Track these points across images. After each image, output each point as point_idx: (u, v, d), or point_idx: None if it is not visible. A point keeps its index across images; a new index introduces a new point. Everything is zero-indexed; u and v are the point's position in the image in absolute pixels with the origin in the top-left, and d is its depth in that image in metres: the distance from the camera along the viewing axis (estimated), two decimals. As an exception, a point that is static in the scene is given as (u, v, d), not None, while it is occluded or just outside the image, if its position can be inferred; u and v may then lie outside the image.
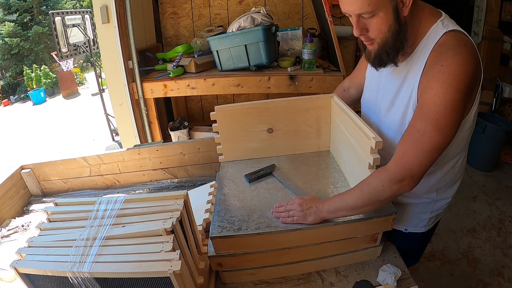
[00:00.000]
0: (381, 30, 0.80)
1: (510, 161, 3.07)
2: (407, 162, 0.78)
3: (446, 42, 0.77)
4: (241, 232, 0.87)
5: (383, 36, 0.81)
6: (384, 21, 0.78)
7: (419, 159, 0.77)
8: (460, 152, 0.95)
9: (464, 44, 0.76)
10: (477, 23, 3.29)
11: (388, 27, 0.79)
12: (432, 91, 0.75)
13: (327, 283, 0.92)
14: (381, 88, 0.98)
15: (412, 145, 0.77)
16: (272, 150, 1.24)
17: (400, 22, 0.78)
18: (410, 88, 0.85)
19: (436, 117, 0.74)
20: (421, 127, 0.76)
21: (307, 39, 1.98)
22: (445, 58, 0.75)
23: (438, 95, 0.74)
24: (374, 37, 0.82)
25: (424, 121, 0.76)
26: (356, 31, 0.82)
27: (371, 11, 0.76)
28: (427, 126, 0.75)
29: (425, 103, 0.77)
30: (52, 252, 0.76)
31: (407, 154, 0.78)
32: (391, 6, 0.76)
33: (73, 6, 10.51)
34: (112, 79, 2.22)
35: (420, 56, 0.83)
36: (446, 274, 1.99)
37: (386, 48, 0.82)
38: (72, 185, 1.58)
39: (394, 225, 1.05)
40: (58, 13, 3.55)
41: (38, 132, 5.97)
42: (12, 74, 9.45)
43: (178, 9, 2.71)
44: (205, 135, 2.62)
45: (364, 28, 0.81)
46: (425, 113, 0.76)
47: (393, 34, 0.80)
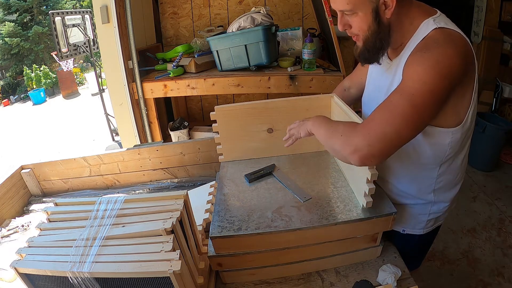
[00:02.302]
0: (361, 28, 0.84)
1: (510, 161, 3.07)
2: (371, 128, 0.75)
3: (432, 36, 0.77)
4: (241, 232, 0.87)
5: (363, 34, 0.85)
6: (363, 21, 0.82)
7: (383, 128, 0.74)
8: (457, 153, 0.93)
9: (452, 39, 0.75)
10: (477, 23, 3.29)
11: (367, 26, 0.82)
12: (412, 70, 0.76)
13: (327, 283, 0.92)
14: (377, 87, 1.00)
15: (382, 114, 0.76)
16: (272, 150, 1.24)
17: (380, 23, 0.81)
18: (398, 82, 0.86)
19: (411, 92, 0.73)
20: (395, 99, 0.76)
21: (307, 39, 1.98)
22: (428, 47, 0.76)
23: (418, 73, 0.74)
24: (357, 33, 0.87)
25: (399, 94, 0.75)
26: (339, 26, 0.87)
27: (350, 10, 0.81)
28: (401, 99, 0.74)
29: (403, 81, 0.77)
30: (52, 252, 0.76)
31: (374, 121, 0.76)
32: (371, 7, 0.79)
33: (73, 6, 10.51)
34: (112, 79, 2.22)
35: (408, 51, 0.83)
36: (446, 274, 1.99)
37: (367, 46, 0.86)
38: (72, 185, 1.58)
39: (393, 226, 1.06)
40: (58, 13, 3.55)
41: (38, 132, 5.97)
42: (12, 74, 9.45)
43: (178, 9, 2.71)
44: (205, 135, 2.62)
45: (347, 24, 0.86)
46: (402, 88, 0.76)
47: (373, 34, 0.83)
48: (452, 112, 0.82)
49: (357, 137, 0.76)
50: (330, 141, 0.84)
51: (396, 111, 0.74)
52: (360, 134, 0.76)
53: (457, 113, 0.84)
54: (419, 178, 0.97)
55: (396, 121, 0.73)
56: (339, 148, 0.80)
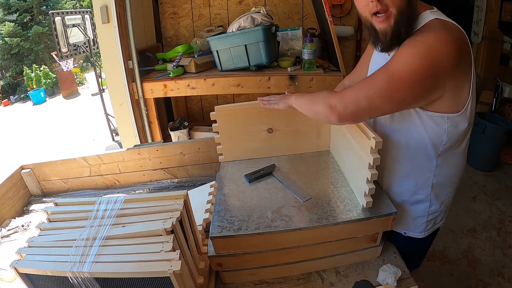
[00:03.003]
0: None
1: (510, 161, 3.07)
2: (347, 93, 0.85)
3: (428, 25, 0.80)
4: (241, 232, 0.87)
5: (398, 4, 0.79)
6: None
7: (357, 94, 0.82)
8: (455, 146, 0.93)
9: (449, 27, 0.78)
10: (477, 23, 3.29)
11: None
12: (402, 50, 0.79)
13: (327, 283, 0.92)
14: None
15: (361, 84, 0.84)
16: (272, 150, 1.24)
17: None
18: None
19: (392, 71, 0.78)
20: (376, 74, 0.82)
21: (307, 39, 1.98)
22: (422, 32, 0.79)
23: (405, 54, 0.77)
24: (390, 4, 0.79)
25: (381, 71, 0.81)
26: None
27: None
28: (381, 74, 0.80)
29: (391, 59, 0.81)
30: (52, 252, 0.76)
31: (352, 88, 0.85)
32: None
33: (73, 6, 10.50)
34: (112, 79, 2.22)
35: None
36: (446, 274, 1.99)
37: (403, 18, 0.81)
38: (72, 185, 1.58)
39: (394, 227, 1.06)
40: (58, 13, 3.54)
41: (38, 132, 5.96)
42: (12, 74, 9.45)
43: (178, 9, 2.71)
44: (205, 135, 2.62)
45: None
46: (386, 66, 0.80)
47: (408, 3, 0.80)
48: (451, 100, 0.84)
49: (334, 99, 0.86)
50: (312, 106, 0.93)
51: (372, 83, 0.82)
52: (337, 97, 0.86)
53: (456, 103, 0.85)
54: (417, 169, 0.97)
55: (370, 91, 0.81)
56: (321, 110, 0.89)
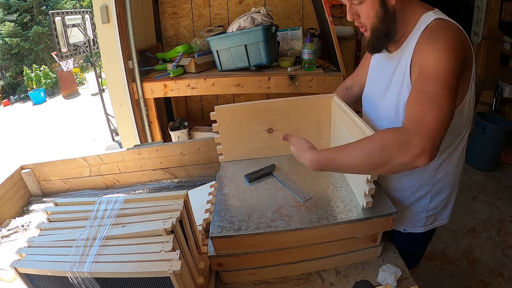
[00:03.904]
0: (369, 16, 0.87)
1: (510, 161, 3.07)
2: (427, 127, 0.69)
3: (435, 26, 0.82)
4: (241, 232, 0.87)
5: (371, 22, 0.88)
6: (371, 8, 0.85)
7: (436, 123, 0.70)
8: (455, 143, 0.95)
9: (452, 27, 0.81)
10: (477, 23, 3.29)
11: (374, 13, 0.86)
12: (431, 57, 0.77)
13: (327, 283, 0.92)
14: (378, 77, 1.03)
15: (427, 108, 0.71)
16: (272, 150, 1.24)
17: (386, 9, 0.85)
18: (402, 70, 0.90)
19: (438, 76, 0.73)
20: (431, 88, 0.73)
21: (307, 39, 1.98)
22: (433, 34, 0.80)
23: (435, 58, 0.76)
24: (365, 23, 0.90)
25: (433, 83, 0.73)
26: (348, 16, 0.90)
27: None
28: (438, 87, 0.72)
29: (428, 68, 0.76)
30: (52, 252, 0.76)
31: (425, 118, 0.70)
32: None
33: (73, 6, 10.51)
34: (112, 79, 2.22)
35: (410, 41, 0.88)
36: (446, 274, 1.99)
37: (375, 33, 0.89)
38: (72, 185, 1.58)
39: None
40: (58, 13, 3.54)
41: (38, 132, 5.96)
42: (12, 74, 9.45)
43: (178, 9, 2.71)
44: (205, 135, 2.62)
45: (356, 13, 0.89)
46: (431, 76, 0.74)
47: (380, 20, 0.87)
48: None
49: (416, 137, 0.69)
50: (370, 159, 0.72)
51: (435, 98, 0.72)
52: (418, 133, 0.69)
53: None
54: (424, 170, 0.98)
55: (441, 106, 0.71)
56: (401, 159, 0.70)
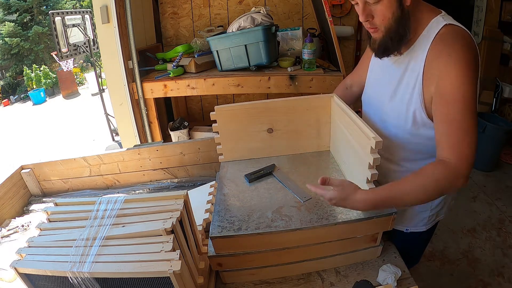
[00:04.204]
0: (385, 17, 0.84)
1: (510, 161, 3.07)
2: (466, 155, 0.79)
3: (446, 34, 0.82)
4: (241, 232, 0.87)
5: (387, 23, 0.85)
6: (388, 8, 0.82)
7: (472, 148, 0.79)
8: None
9: (463, 36, 0.82)
10: (477, 23, 3.29)
11: (391, 13, 0.83)
12: (454, 80, 0.79)
13: (327, 283, 0.92)
14: (382, 80, 1.01)
15: (462, 137, 0.79)
16: (272, 150, 1.24)
17: (403, 10, 0.83)
18: (413, 77, 0.88)
19: (469, 102, 0.78)
20: (461, 117, 0.79)
21: (307, 39, 1.98)
22: (451, 47, 0.80)
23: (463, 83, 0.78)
24: (379, 23, 0.86)
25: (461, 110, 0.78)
26: (363, 17, 0.86)
27: None
28: (466, 114, 0.78)
29: (452, 94, 0.79)
30: (52, 252, 0.76)
31: (462, 147, 0.79)
32: None
33: (73, 6, 10.50)
34: (112, 79, 2.22)
35: (421, 46, 0.87)
36: (446, 274, 1.99)
37: (390, 34, 0.86)
38: (72, 185, 1.58)
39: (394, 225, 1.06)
40: (58, 13, 3.54)
41: (38, 132, 5.96)
42: (12, 74, 9.44)
43: (178, 9, 2.71)
44: (205, 135, 2.61)
45: (370, 14, 0.85)
46: (458, 103, 0.79)
47: (396, 21, 0.84)
48: None
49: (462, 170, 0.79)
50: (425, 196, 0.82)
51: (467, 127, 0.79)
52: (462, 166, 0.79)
53: None
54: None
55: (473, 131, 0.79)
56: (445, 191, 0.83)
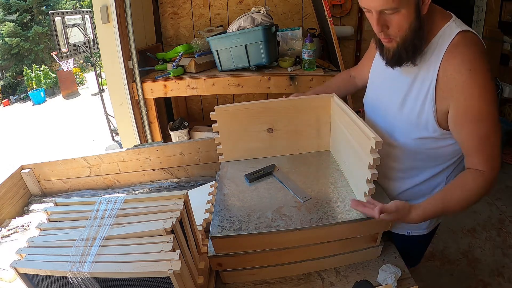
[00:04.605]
0: (401, 27, 0.79)
1: (510, 161, 3.07)
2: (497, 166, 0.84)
3: (463, 44, 0.79)
4: (241, 232, 0.87)
5: (403, 34, 0.80)
6: (406, 18, 0.77)
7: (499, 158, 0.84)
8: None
9: (478, 44, 0.79)
10: (477, 23, 3.29)
11: (409, 24, 0.78)
12: (475, 96, 0.78)
13: (327, 283, 0.92)
14: (389, 87, 0.97)
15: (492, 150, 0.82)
16: (272, 150, 1.24)
17: (420, 20, 0.78)
18: (425, 86, 0.85)
19: (491, 119, 0.80)
20: (485, 132, 0.81)
21: (307, 39, 1.98)
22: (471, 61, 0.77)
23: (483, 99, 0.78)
24: (394, 34, 0.81)
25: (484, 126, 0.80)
26: (377, 28, 0.81)
27: (395, 8, 0.75)
28: (490, 126, 0.80)
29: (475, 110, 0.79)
30: (52, 252, 0.76)
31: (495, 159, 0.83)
32: (414, 2, 0.75)
33: (73, 6, 10.50)
34: (112, 79, 2.22)
35: (433, 54, 0.82)
36: (446, 274, 1.99)
37: (405, 45, 0.82)
38: (72, 185, 1.58)
39: (396, 229, 1.06)
40: (58, 13, 3.54)
41: (38, 132, 5.96)
42: (12, 74, 9.44)
43: (178, 9, 2.71)
44: (205, 135, 2.61)
45: (385, 25, 0.80)
46: (480, 119, 0.80)
47: (413, 32, 0.79)
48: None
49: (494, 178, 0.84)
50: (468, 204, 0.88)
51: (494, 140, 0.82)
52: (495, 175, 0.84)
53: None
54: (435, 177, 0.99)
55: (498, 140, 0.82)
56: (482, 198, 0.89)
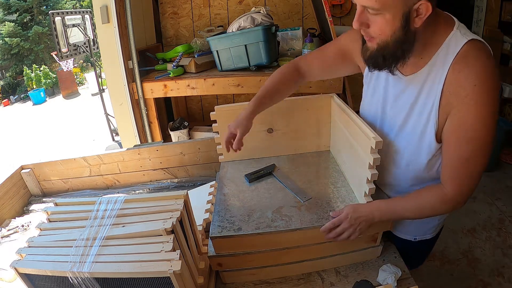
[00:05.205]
0: (382, 31, 0.72)
1: (510, 161, 3.06)
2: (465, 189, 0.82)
3: (471, 54, 0.72)
4: (241, 232, 0.87)
5: (384, 38, 0.73)
6: (388, 24, 0.70)
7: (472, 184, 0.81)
8: None
9: (488, 56, 0.73)
10: (477, 23, 3.29)
11: (392, 31, 0.71)
12: (470, 115, 0.73)
13: (327, 283, 0.92)
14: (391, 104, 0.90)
15: (464, 172, 0.80)
16: (272, 150, 1.24)
17: (407, 32, 0.71)
18: (429, 103, 0.79)
19: (480, 144, 0.75)
20: (467, 156, 0.77)
21: (307, 39, 1.98)
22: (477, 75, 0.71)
23: (479, 121, 0.73)
24: (374, 35, 0.75)
25: (470, 149, 0.76)
26: (355, 24, 0.74)
27: (377, 9, 0.69)
28: (474, 154, 0.76)
29: (466, 129, 0.75)
30: (52, 252, 0.76)
31: (463, 182, 0.81)
32: (402, 11, 0.68)
33: (73, 6, 10.50)
34: (112, 79, 2.22)
35: (438, 68, 0.76)
36: (446, 274, 1.99)
37: (384, 52, 0.75)
38: (72, 185, 1.58)
39: (403, 235, 1.06)
40: (58, 13, 3.54)
41: (38, 132, 5.96)
42: (12, 74, 9.45)
43: (178, 9, 2.71)
44: (205, 135, 2.61)
45: (365, 22, 0.73)
46: (468, 140, 0.75)
47: (396, 41, 0.73)
48: None
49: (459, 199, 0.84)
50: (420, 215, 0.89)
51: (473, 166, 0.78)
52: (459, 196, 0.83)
53: None
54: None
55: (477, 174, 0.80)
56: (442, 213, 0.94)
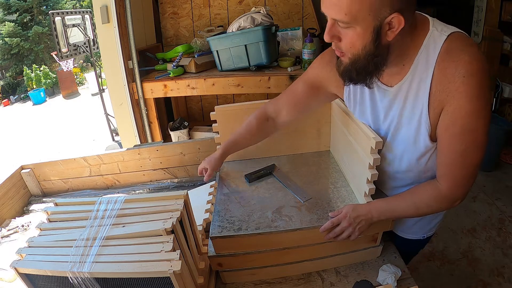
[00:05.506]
0: (353, 45, 0.70)
1: (510, 161, 3.06)
2: (461, 185, 0.80)
3: (453, 48, 0.70)
4: (241, 232, 0.87)
5: (355, 52, 0.71)
6: (359, 38, 0.68)
7: (468, 179, 0.79)
8: None
9: (471, 43, 0.70)
10: (477, 23, 3.29)
11: (362, 45, 0.69)
12: (462, 109, 0.70)
13: (327, 283, 0.92)
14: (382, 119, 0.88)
15: (459, 168, 0.78)
16: (272, 150, 1.24)
17: (379, 46, 0.69)
18: (418, 107, 0.77)
19: (474, 137, 0.73)
20: (462, 149, 0.75)
21: (307, 39, 1.99)
22: (462, 65, 0.68)
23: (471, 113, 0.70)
24: (345, 49, 0.72)
25: (464, 143, 0.74)
26: (326, 36, 0.71)
27: (347, 22, 0.66)
28: (468, 147, 0.74)
29: (458, 123, 0.72)
30: (52, 252, 0.76)
31: (457, 178, 0.79)
32: (373, 24, 0.66)
33: (73, 6, 10.51)
34: (112, 79, 2.22)
35: (422, 71, 0.73)
36: (446, 274, 1.99)
37: (356, 66, 0.73)
38: (72, 185, 1.58)
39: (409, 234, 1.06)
40: (58, 13, 3.54)
41: (38, 132, 5.97)
42: (12, 74, 9.45)
43: (178, 9, 2.71)
44: (205, 135, 2.62)
45: (337, 36, 0.71)
46: (461, 134, 0.73)
47: (367, 55, 0.70)
48: None
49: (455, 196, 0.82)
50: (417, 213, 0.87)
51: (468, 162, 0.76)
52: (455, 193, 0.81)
53: None
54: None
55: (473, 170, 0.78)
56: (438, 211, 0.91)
